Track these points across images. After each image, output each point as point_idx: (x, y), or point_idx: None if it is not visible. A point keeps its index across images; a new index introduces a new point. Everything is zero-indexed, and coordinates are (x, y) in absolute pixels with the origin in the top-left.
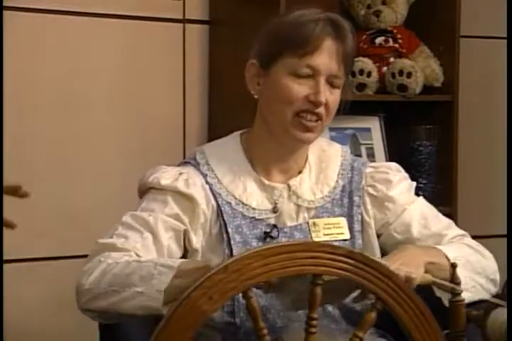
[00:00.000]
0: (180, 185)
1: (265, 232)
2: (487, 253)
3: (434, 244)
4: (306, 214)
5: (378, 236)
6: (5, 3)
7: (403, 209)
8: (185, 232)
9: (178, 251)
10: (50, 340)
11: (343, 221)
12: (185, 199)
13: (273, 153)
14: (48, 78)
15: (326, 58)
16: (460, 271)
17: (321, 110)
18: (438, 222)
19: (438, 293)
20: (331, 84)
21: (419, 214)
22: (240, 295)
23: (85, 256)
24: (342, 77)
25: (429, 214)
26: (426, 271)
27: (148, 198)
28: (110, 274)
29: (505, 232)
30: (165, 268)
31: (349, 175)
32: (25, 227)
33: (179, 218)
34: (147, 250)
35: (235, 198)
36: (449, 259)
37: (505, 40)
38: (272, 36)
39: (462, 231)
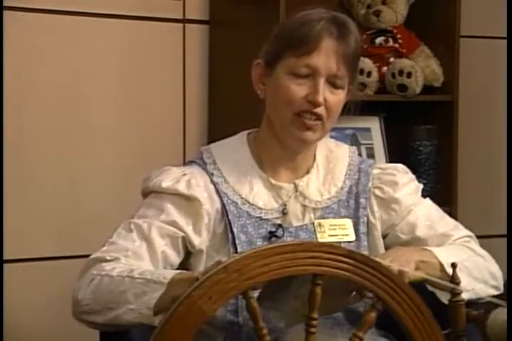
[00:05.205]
0: (181, 187)
1: (270, 232)
2: (489, 257)
3: (439, 244)
4: (312, 215)
5: (384, 237)
6: (5, 3)
7: (409, 210)
8: (184, 238)
9: (175, 257)
10: (50, 340)
11: (348, 222)
12: (187, 201)
13: (280, 152)
14: (47, 78)
15: (324, 58)
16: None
17: (321, 110)
18: (444, 223)
19: (431, 288)
20: (333, 85)
21: (424, 216)
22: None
23: (85, 256)
24: (344, 78)
25: (435, 215)
26: (417, 269)
27: (147, 204)
28: (106, 291)
29: (505, 232)
30: (157, 284)
31: (356, 177)
32: (25, 227)
33: (176, 225)
34: (139, 257)
35: (241, 197)
36: (439, 260)
37: (505, 40)
38: (276, 36)
39: (469, 232)
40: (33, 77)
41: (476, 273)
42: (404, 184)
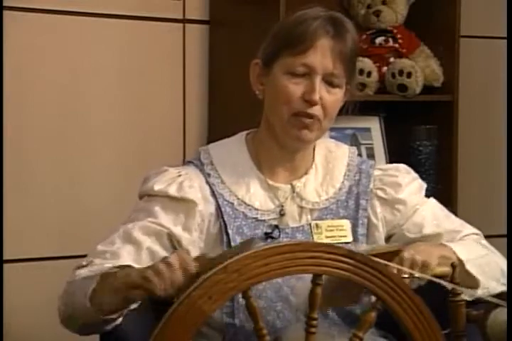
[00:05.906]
0: (172, 190)
1: (266, 233)
2: (499, 254)
3: (448, 240)
4: (309, 216)
5: (390, 236)
6: (5, 3)
7: (414, 209)
8: (170, 235)
9: (164, 252)
10: (50, 340)
11: (346, 223)
12: (177, 203)
13: (278, 153)
14: (47, 78)
15: (320, 56)
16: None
17: (317, 110)
18: (450, 222)
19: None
20: (330, 84)
21: (430, 215)
22: (240, 295)
23: (85, 256)
24: (340, 77)
25: (440, 214)
26: (439, 264)
27: (137, 208)
28: (67, 295)
29: (505, 232)
30: (93, 279)
31: (356, 178)
32: (25, 227)
33: (161, 224)
34: (117, 257)
35: (238, 198)
36: (458, 256)
37: (505, 40)
38: (273, 35)
39: (476, 230)
40: (33, 77)
41: (490, 271)
42: (406, 184)
